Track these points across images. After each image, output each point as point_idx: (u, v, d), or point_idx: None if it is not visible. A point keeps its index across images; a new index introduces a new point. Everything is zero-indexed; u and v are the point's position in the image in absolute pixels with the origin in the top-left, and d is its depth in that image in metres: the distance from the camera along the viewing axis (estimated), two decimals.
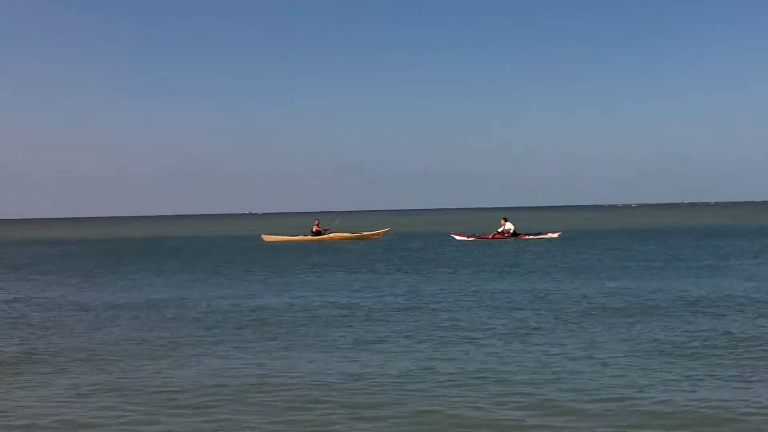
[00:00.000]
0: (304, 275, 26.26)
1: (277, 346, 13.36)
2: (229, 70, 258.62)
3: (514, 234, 46.06)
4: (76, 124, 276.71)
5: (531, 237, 45.76)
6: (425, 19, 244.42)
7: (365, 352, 12.61)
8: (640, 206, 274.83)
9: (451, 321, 15.58)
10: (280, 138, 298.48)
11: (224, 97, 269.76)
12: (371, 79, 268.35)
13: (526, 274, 24.56)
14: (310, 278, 25.17)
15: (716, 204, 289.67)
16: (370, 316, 16.44)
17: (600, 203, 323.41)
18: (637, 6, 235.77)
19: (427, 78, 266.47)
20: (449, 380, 10.62)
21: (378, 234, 53.28)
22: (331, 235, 50.70)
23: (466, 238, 47.80)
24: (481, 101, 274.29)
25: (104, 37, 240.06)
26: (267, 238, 52.91)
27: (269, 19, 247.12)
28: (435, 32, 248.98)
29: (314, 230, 50.73)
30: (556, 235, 46.20)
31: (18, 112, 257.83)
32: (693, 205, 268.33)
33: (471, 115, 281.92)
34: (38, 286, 24.87)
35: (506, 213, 71.85)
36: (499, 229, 46.64)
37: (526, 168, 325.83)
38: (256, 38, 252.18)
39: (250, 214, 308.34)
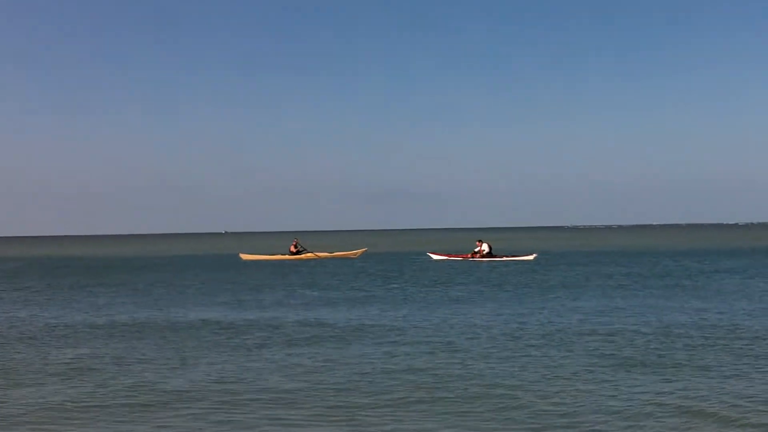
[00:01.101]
0: (276, 294, 26.45)
1: (240, 361, 13.60)
2: (204, 87, 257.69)
3: (490, 255, 46.59)
4: (44, 139, 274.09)
5: (506, 258, 46.22)
6: (404, 37, 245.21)
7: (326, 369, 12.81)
8: (610, 228, 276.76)
9: (408, 339, 15.80)
10: (256, 157, 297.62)
11: (200, 114, 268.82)
12: (348, 96, 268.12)
13: (497, 295, 24.88)
14: (282, 297, 25.34)
15: (688, 225, 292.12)
16: (336, 335, 16.62)
17: (568, 224, 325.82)
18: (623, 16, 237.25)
19: (404, 95, 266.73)
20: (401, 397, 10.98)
21: (355, 254, 53.60)
22: (309, 254, 51.09)
23: (442, 258, 48.37)
24: (459, 119, 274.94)
25: (82, 50, 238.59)
26: (245, 256, 53.22)
27: (246, 38, 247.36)
28: (413, 49, 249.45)
29: (292, 250, 51.09)
30: (531, 257, 46.48)
31: None
32: (666, 227, 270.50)
33: (450, 134, 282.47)
34: (6, 305, 24.83)
35: (482, 233, 72.46)
36: (475, 249, 47.22)
37: (503, 188, 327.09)
38: (233, 57, 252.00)
39: (226, 233, 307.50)
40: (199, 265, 49.22)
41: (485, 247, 46.91)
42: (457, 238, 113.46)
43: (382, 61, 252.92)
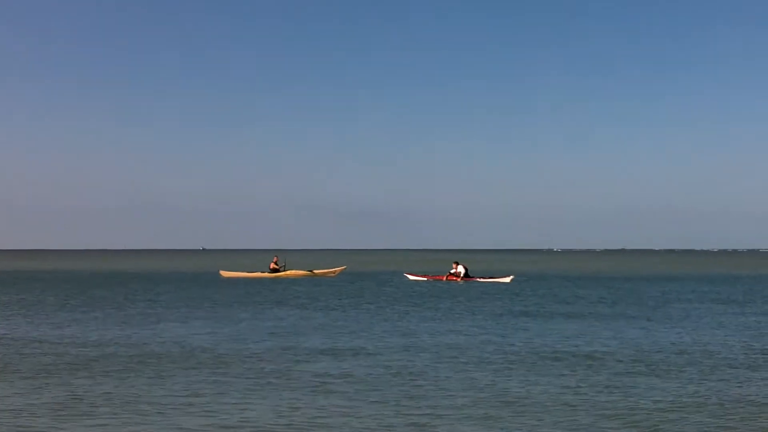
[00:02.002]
0: (251, 313, 26.73)
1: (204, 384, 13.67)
2: (183, 102, 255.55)
3: (467, 276, 47.11)
4: (19, 151, 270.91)
5: (483, 280, 46.67)
6: (387, 54, 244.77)
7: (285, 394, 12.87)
8: (586, 251, 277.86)
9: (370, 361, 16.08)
10: (236, 174, 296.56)
11: (180, 130, 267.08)
12: (329, 115, 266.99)
13: (470, 317, 25.22)
14: (257, 316, 25.60)
15: (661, 251, 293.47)
16: (304, 355, 16.81)
17: (545, 248, 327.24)
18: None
19: (386, 115, 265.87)
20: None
21: (334, 272, 53.92)
22: (288, 272, 51.28)
23: (419, 278, 48.87)
24: (439, 140, 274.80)
25: (57, 58, 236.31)
26: (225, 273, 53.47)
27: (227, 55, 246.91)
28: (397, 67, 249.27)
29: (272, 267, 51.31)
30: (508, 279, 46.74)
31: None
32: (639, 252, 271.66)
33: (431, 154, 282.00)
34: None
35: (462, 255, 72.90)
36: (451, 271, 47.80)
37: (482, 209, 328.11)
38: (212, 73, 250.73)
39: (203, 249, 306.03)
40: (179, 281, 49.32)
41: (461, 269, 47.46)
42: (437, 259, 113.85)
43: (361, 83, 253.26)
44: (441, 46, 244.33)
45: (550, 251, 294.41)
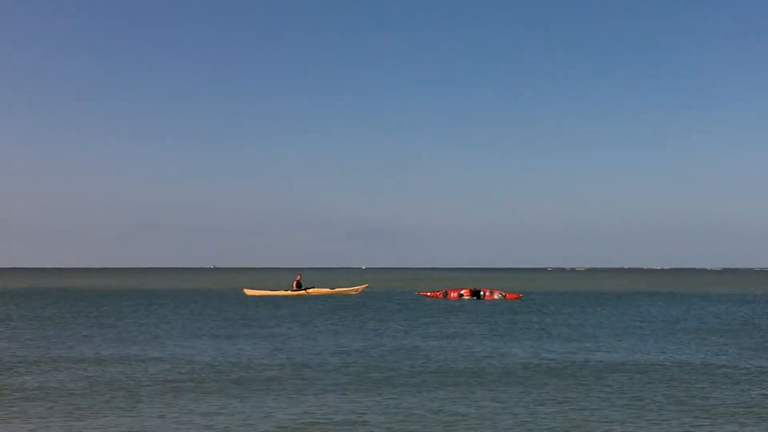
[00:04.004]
0: (276, 329, 28.44)
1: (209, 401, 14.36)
2: (189, 120, 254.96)
3: (477, 294, 50.38)
4: (32, 170, 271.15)
5: (489, 297, 48.93)
6: (391, 65, 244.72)
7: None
8: (588, 270, 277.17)
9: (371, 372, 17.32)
10: (246, 191, 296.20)
11: (189, 148, 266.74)
12: (336, 130, 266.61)
13: (479, 333, 26.46)
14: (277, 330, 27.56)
15: (662, 270, 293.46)
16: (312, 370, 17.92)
17: (546, 266, 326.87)
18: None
19: (395, 131, 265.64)
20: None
21: (356, 290, 55.67)
22: (311, 290, 53.20)
23: (431, 296, 51.98)
24: (452, 158, 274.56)
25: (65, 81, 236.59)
26: (249, 291, 55.36)
27: (228, 73, 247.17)
28: (404, 80, 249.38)
29: (294, 286, 53.36)
30: (518, 296, 49.14)
31: None
32: (637, 271, 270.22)
33: (445, 171, 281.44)
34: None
35: (463, 273, 74.98)
36: (461, 292, 50.97)
37: (485, 229, 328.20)
38: (218, 92, 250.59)
39: (215, 268, 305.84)
40: (213, 299, 51.13)
41: (468, 290, 50.53)
42: (452, 278, 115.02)
43: (363, 98, 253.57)
44: (443, 52, 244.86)
45: (554, 270, 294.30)
